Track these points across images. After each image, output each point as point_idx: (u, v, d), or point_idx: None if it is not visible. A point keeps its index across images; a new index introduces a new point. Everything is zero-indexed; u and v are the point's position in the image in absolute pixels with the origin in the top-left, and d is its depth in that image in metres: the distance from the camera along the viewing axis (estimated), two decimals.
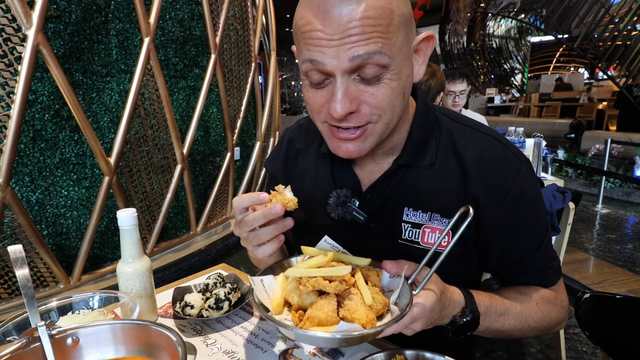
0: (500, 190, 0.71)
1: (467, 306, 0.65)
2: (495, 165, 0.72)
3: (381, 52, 0.58)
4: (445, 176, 0.74)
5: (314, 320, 0.54)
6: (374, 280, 0.63)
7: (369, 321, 0.54)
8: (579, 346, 2.15)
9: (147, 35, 2.55)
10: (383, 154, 0.78)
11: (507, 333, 0.74)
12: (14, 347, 0.51)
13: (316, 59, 0.60)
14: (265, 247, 0.67)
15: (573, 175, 5.78)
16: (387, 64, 0.60)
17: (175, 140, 2.88)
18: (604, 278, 2.41)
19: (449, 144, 0.75)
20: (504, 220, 0.73)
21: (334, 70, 0.59)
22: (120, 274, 0.78)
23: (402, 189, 0.76)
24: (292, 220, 0.66)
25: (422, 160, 0.75)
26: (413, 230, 0.75)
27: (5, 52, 2.00)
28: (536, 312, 0.75)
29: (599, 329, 0.98)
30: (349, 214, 0.76)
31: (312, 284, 0.56)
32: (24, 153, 2.23)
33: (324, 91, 0.63)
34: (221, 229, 3.63)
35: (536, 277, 0.79)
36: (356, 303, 0.56)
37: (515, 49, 12.92)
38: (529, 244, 0.76)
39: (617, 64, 6.99)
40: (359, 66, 0.59)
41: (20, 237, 2.15)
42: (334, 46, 0.58)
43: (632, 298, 1.02)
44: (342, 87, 0.60)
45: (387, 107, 0.63)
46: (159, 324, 0.56)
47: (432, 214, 0.74)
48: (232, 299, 0.87)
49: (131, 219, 0.76)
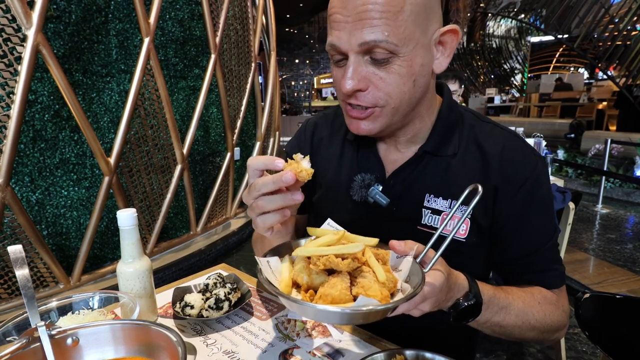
0: (517, 182, 0.75)
1: (470, 290, 0.65)
2: (515, 157, 0.76)
3: (388, 40, 0.62)
4: (466, 166, 0.78)
5: (327, 298, 0.53)
6: (384, 258, 0.61)
7: (384, 298, 0.53)
8: (579, 346, 2.15)
9: (147, 35, 2.55)
10: (407, 142, 0.81)
11: (507, 329, 0.74)
12: (14, 347, 0.51)
13: (334, 42, 0.66)
14: (266, 216, 0.62)
15: (573, 175, 5.78)
16: (396, 51, 0.64)
17: (175, 141, 2.88)
18: (604, 278, 2.41)
19: (471, 137, 0.79)
20: (517, 211, 0.76)
21: (347, 50, 0.65)
22: (120, 274, 0.78)
23: (424, 176, 0.79)
24: (302, 196, 0.62)
25: (446, 149, 0.79)
26: (433, 217, 0.78)
27: (5, 52, 2.00)
28: (538, 310, 0.75)
29: (599, 329, 0.98)
30: (371, 197, 0.80)
31: (324, 263, 0.55)
32: (24, 153, 2.23)
33: (342, 69, 0.69)
34: (221, 229, 3.63)
35: (540, 277, 0.80)
36: (369, 280, 0.55)
37: (515, 49, 12.93)
38: (537, 239, 0.78)
39: (617, 64, 6.99)
40: (368, 50, 0.64)
41: (20, 237, 2.15)
42: (348, 30, 0.64)
43: (632, 298, 1.02)
44: (352, 65, 0.66)
45: (393, 93, 0.67)
46: (159, 324, 0.56)
47: (452, 202, 0.77)
48: (232, 299, 0.86)
49: (131, 219, 0.76)
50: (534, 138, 2.89)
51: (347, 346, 0.75)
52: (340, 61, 0.69)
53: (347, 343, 0.76)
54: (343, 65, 0.69)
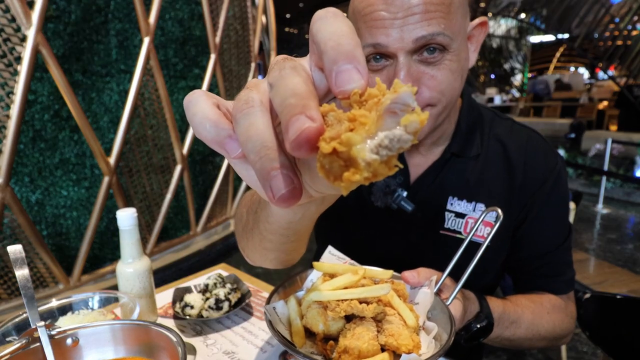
0: (540, 178, 0.74)
1: (482, 311, 0.63)
2: (538, 153, 0.75)
3: (444, 33, 0.59)
4: (490, 166, 0.76)
5: (354, 352, 0.45)
6: (405, 294, 0.55)
7: (415, 345, 0.47)
8: (580, 346, 2.14)
9: (146, 35, 2.55)
10: (431, 145, 0.78)
11: (517, 342, 0.73)
12: (14, 348, 0.50)
13: (379, 41, 0.60)
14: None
15: (573, 175, 5.78)
16: (448, 45, 0.61)
17: (175, 141, 2.88)
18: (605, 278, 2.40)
19: (493, 134, 0.78)
20: (535, 210, 0.75)
21: (397, 51, 0.60)
22: (120, 274, 0.78)
23: (449, 179, 0.77)
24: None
25: (470, 150, 0.77)
26: (456, 220, 0.76)
27: (5, 52, 1.99)
28: (547, 321, 0.74)
29: (600, 329, 0.98)
30: (395, 203, 0.76)
31: (345, 309, 0.47)
32: (24, 153, 2.23)
33: (382, 74, 0.63)
34: (221, 229, 3.63)
35: (551, 282, 0.79)
36: (397, 326, 0.48)
37: (515, 48, 12.93)
38: (551, 240, 0.77)
39: (618, 63, 6.99)
40: (421, 46, 0.60)
41: (20, 237, 2.15)
42: (398, 26, 0.58)
43: (633, 298, 1.02)
44: (404, 68, 0.60)
45: (446, 89, 0.64)
46: (159, 324, 0.56)
47: (477, 204, 0.75)
48: (232, 299, 0.86)
49: (131, 219, 0.76)
50: None
51: None
52: (378, 64, 0.63)
53: None
54: (382, 69, 0.63)
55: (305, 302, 0.52)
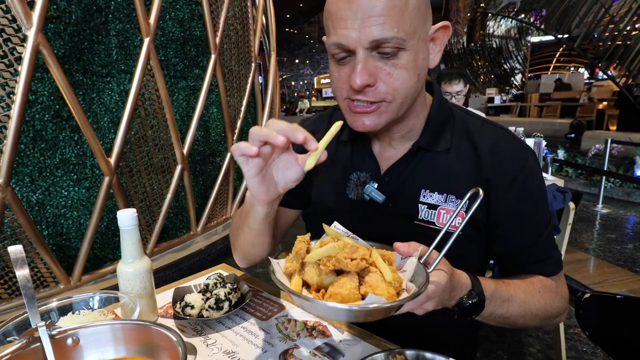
0: (510, 176, 0.77)
1: (473, 289, 0.67)
2: (506, 152, 0.78)
3: (397, 36, 0.64)
4: (460, 161, 0.79)
5: (337, 297, 0.55)
6: (390, 259, 0.63)
7: (390, 296, 0.55)
8: (580, 346, 2.15)
9: (147, 35, 2.55)
10: (401, 139, 0.82)
11: (511, 320, 0.76)
12: (14, 348, 0.51)
13: (341, 41, 0.67)
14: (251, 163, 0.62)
15: (573, 175, 5.78)
16: (403, 45, 0.65)
17: (176, 141, 2.88)
18: (604, 278, 2.40)
19: (463, 132, 0.81)
20: (511, 205, 0.77)
21: (355, 47, 0.66)
22: (121, 274, 0.78)
23: (419, 172, 0.81)
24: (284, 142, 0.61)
25: (439, 145, 0.80)
26: (429, 211, 0.79)
27: (6, 53, 2.00)
28: (539, 299, 0.77)
29: (600, 329, 0.98)
30: (367, 194, 0.81)
31: (333, 264, 0.57)
32: (24, 153, 2.23)
33: (347, 67, 0.70)
34: (221, 229, 3.63)
35: (538, 266, 0.82)
36: (376, 280, 0.57)
37: (515, 49, 12.93)
38: (534, 231, 0.80)
39: (617, 63, 6.99)
40: (377, 46, 0.65)
41: (21, 237, 2.15)
42: (357, 28, 0.64)
43: (633, 298, 1.02)
44: (361, 61, 0.66)
45: (401, 87, 0.69)
46: (159, 324, 0.56)
47: (448, 196, 0.78)
48: (232, 299, 0.87)
49: (131, 219, 0.76)
50: (534, 138, 2.88)
51: (347, 346, 0.75)
52: (343, 59, 0.70)
53: (347, 343, 0.76)
54: (347, 63, 0.70)
55: (306, 258, 0.63)
